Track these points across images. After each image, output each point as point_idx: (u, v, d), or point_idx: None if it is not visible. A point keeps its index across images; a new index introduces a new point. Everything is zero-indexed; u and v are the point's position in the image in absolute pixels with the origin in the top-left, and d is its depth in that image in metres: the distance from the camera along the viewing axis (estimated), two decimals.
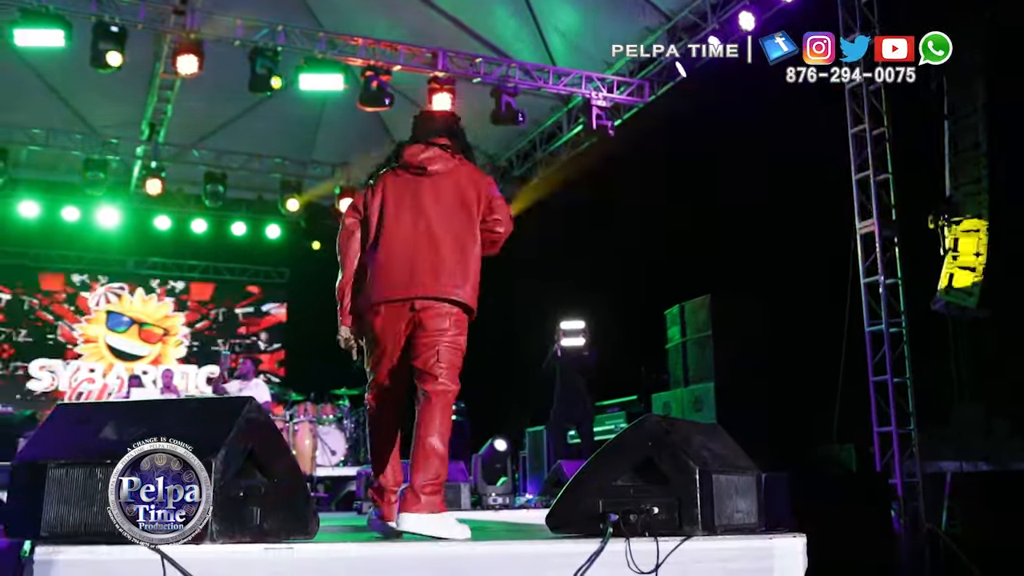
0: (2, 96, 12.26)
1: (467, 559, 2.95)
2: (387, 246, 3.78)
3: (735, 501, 3.26)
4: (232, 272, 16.67)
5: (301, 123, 13.59)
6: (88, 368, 15.56)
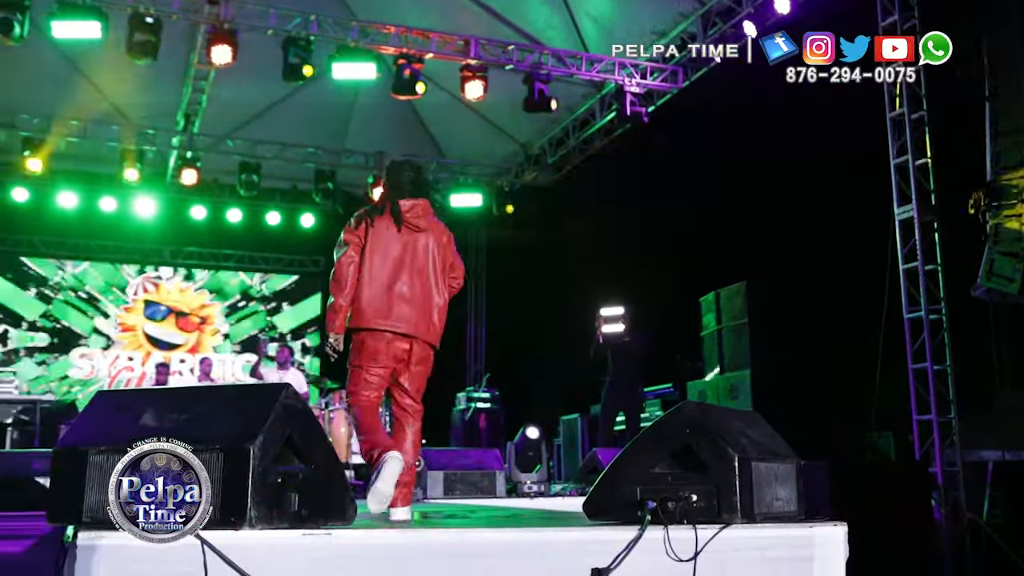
0: (41, 88, 12.41)
1: (504, 546, 2.94)
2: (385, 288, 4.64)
3: (774, 489, 3.22)
4: (267, 261, 16.78)
5: (334, 112, 13.63)
6: (127, 356, 15.74)
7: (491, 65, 11.02)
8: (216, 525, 2.58)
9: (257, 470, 2.60)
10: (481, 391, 13.36)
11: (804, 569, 3.04)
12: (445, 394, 13.69)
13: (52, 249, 15.54)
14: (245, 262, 16.70)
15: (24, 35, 9.37)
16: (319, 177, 14.35)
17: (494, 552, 2.91)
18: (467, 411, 13.04)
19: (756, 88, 8.89)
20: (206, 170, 14.16)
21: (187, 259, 16.39)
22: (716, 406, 6.45)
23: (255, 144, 13.95)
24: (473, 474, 7.11)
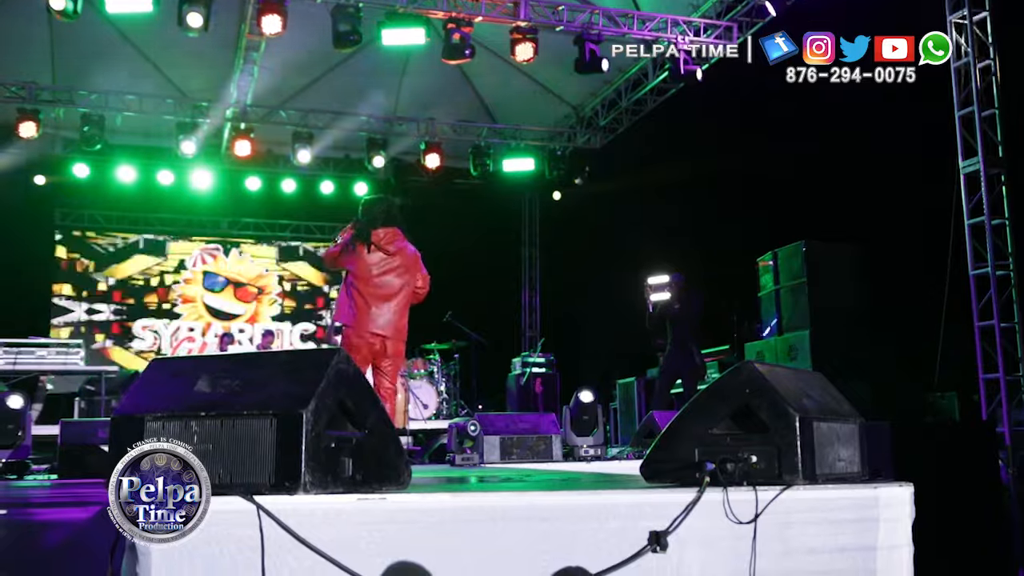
0: (96, 63, 12.55)
1: (560, 508, 2.91)
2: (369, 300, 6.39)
3: (837, 449, 3.14)
4: (323, 231, 16.89)
5: (385, 79, 13.60)
6: (188, 328, 16.01)
7: (541, 27, 10.87)
8: (271, 490, 2.58)
9: (310, 435, 2.59)
10: (536, 356, 13.35)
11: (869, 530, 2.97)
12: (500, 360, 13.72)
13: (113, 223, 15.81)
14: (301, 232, 16.84)
15: (78, 12, 9.47)
16: (371, 145, 14.36)
17: (550, 515, 2.88)
18: (523, 376, 13.05)
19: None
20: (260, 141, 14.26)
21: (243, 230, 16.56)
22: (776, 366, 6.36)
23: (307, 114, 14.00)
24: (529, 438, 7.10)
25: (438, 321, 12.42)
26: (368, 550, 2.65)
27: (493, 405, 13.02)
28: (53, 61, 12.67)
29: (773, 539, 2.90)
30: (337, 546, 2.60)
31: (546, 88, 13.90)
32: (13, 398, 6.60)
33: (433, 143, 14.32)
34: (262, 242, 16.67)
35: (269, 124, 14.08)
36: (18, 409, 6.52)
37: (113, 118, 13.31)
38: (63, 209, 15.43)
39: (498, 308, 15.55)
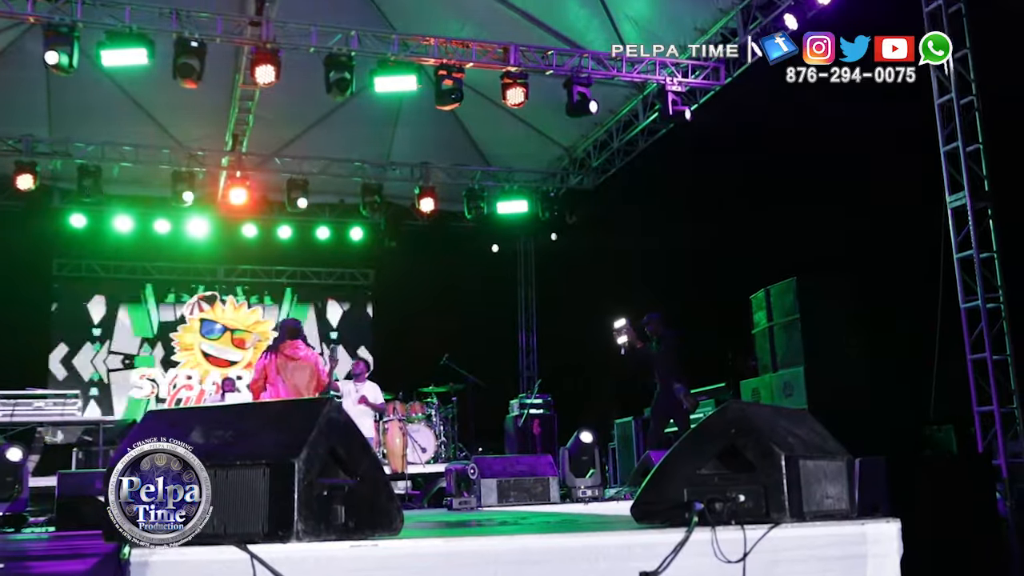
0: (94, 115, 12.73)
1: (552, 551, 2.94)
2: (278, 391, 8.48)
3: (824, 487, 3.17)
4: (318, 276, 16.96)
5: (378, 125, 13.78)
6: (186, 375, 16.02)
7: (531, 71, 11.04)
8: (264, 539, 2.62)
9: (303, 484, 2.63)
10: (534, 397, 13.37)
11: (857, 567, 3.00)
12: (498, 402, 13.73)
13: (110, 272, 15.86)
14: (297, 277, 16.90)
15: (74, 66, 9.61)
16: (366, 190, 14.49)
17: (542, 558, 2.91)
18: (520, 417, 13.05)
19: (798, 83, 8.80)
20: (255, 189, 14.39)
21: (240, 277, 16.63)
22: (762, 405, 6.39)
23: (302, 161, 14.14)
24: (526, 480, 7.11)
25: (435, 364, 12.46)
26: None
27: (491, 447, 13.02)
28: (50, 114, 12.84)
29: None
30: None
31: (538, 130, 14.06)
32: (12, 451, 6.64)
33: (427, 187, 14.44)
34: (258, 289, 16.72)
35: (264, 171, 14.22)
36: (17, 462, 6.56)
37: (110, 168, 13.44)
38: (60, 259, 15.49)
39: (495, 350, 15.58)
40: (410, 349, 14.30)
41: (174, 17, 9.96)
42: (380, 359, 16.27)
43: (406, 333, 15.10)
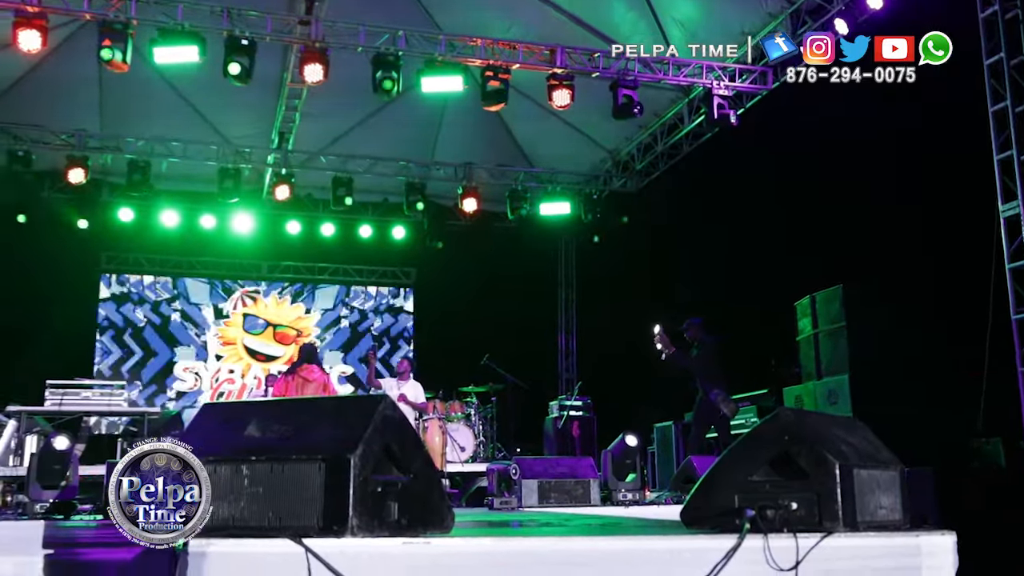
0: (144, 112, 12.92)
1: (600, 554, 2.94)
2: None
3: (877, 497, 3.14)
4: (360, 274, 17.07)
5: (423, 125, 13.83)
6: (228, 369, 16.20)
7: (577, 73, 11.02)
8: (319, 533, 2.64)
9: (358, 479, 2.65)
10: (573, 399, 13.35)
11: None
12: (537, 403, 13.73)
13: (156, 266, 16.10)
14: (339, 274, 17.03)
15: (127, 62, 9.76)
16: (409, 189, 14.56)
17: (591, 561, 2.90)
18: (560, 419, 13.03)
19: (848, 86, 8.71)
20: (300, 186, 14.52)
21: (283, 273, 16.78)
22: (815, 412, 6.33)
23: (347, 159, 14.24)
24: (567, 482, 7.09)
25: (475, 364, 12.48)
26: None
27: (530, 448, 13.02)
28: (102, 109, 13.03)
29: None
30: None
31: (582, 132, 14.04)
32: (59, 439, 6.73)
33: (470, 187, 14.48)
34: (301, 285, 16.87)
35: (310, 169, 14.33)
36: (64, 450, 6.65)
37: (158, 164, 13.62)
38: (108, 253, 15.73)
39: (535, 351, 15.59)
40: (450, 348, 14.35)
41: (225, 16, 10.08)
42: (420, 358, 16.34)
43: (446, 332, 15.16)
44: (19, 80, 12.28)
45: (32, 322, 13.47)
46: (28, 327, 13.40)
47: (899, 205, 9.39)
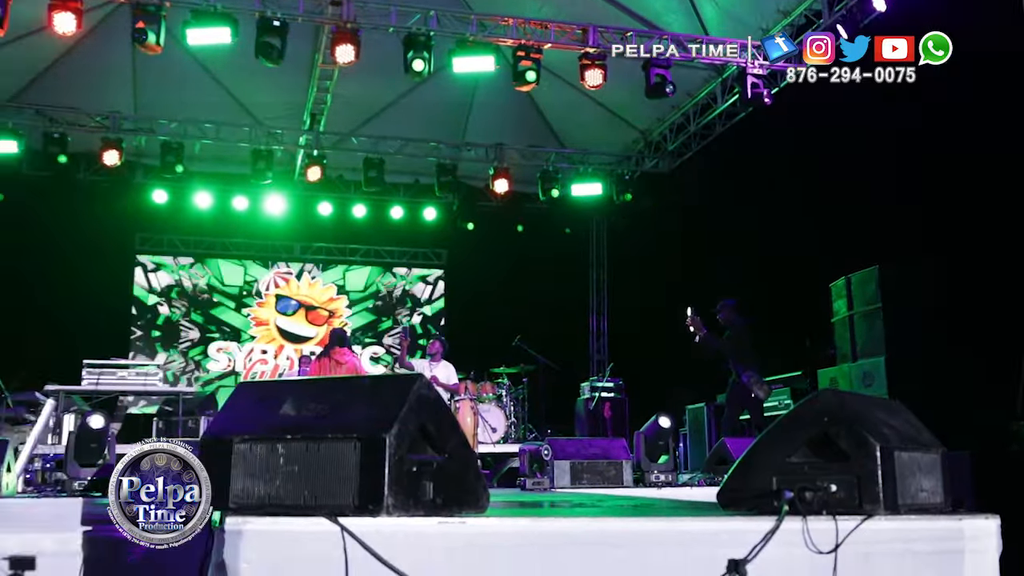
0: (177, 94, 12.99)
1: (637, 535, 2.91)
2: None
3: (919, 479, 3.09)
4: (392, 255, 17.11)
5: (455, 106, 13.81)
6: (261, 350, 16.32)
7: (610, 53, 10.92)
8: (355, 512, 2.64)
9: (393, 459, 2.64)
10: (605, 380, 13.31)
11: (954, 563, 2.91)
12: (569, 384, 13.71)
13: (190, 248, 16.22)
14: (371, 256, 17.07)
15: (161, 44, 9.80)
16: (441, 171, 14.54)
17: (628, 541, 2.88)
18: (591, 401, 13.01)
19: None
20: (332, 167, 14.55)
21: (315, 254, 16.85)
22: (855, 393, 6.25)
23: (378, 140, 14.24)
24: (600, 463, 7.07)
25: (507, 345, 12.48)
26: (448, 572, 2.69)
27: (561, 429, 13.00)
28: (135, 91, 13.12)
29: (854, 570, 2.86)
30: (418, 568, 2.64)
31: (614, 113, 13.95)
32: (95, 418, 6.80)
33: (502, 168, 14.43)
34: (333, 266, 16.93)
35: (341, 150, 14.35)
36: (100, 428, 6.72)
37: (191, 146, 13.70)
38: (143, 234, 15.87)
39: (566, 332, 15.57)
40: (482, 329, 14.36)
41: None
42: (451, 339, 16.34)
43: (478, 313, 15.17)
44: (54, 63, 12.39)
45: (69, 303, 13.64)
46: (65, 308, 13.56)
47: (934, 183, 9.24)
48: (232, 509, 2.73)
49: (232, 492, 2.75)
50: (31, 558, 4.32)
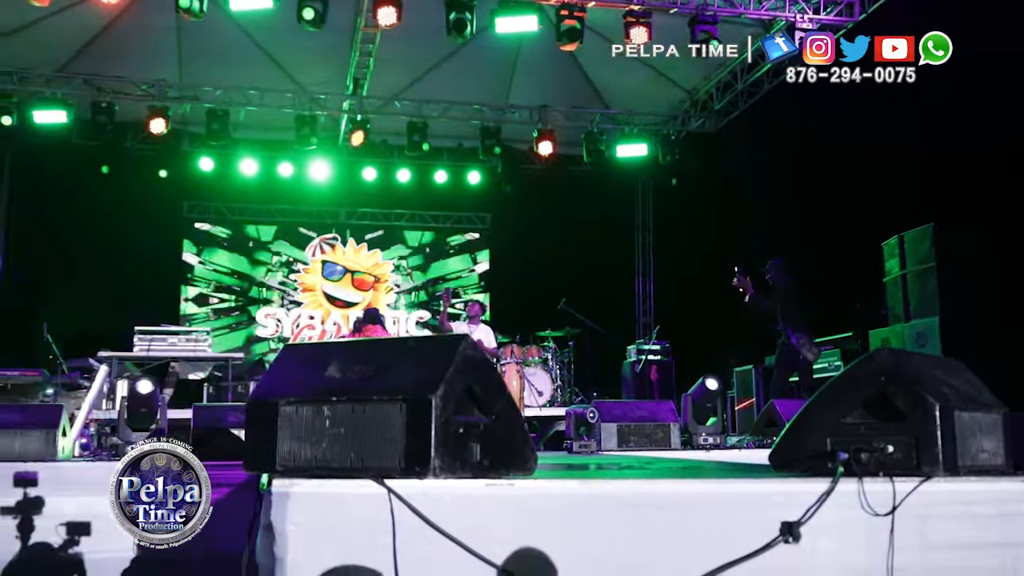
0: (220, 60, 13.00)
1: (689, 497, 2.87)
2: None
3: (979, 440, 3.00)
4: (436, 219, 17.09)
5: (498, 67, 13.67)
6: (308, 315, 16.44)
7: (655, 9, 10.73)
8: (401, 474, 2.62)
9: (439, 420, 2.62)
10: (651, 343, 13.23)
11: (1016, 526, 2.83)
12: (615, 347, 13.65)
13: (236, 214, 16.33)
14: (416, 220, 17.07)
15: (204, 10, 9.81)
16: (484, 134, 14.44)
17: (677, 503, 2.84)
18: (638, 363, 12.95)
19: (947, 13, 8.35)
20: (375, 132, 14.53)
21: (360, 220, 16.89)
22: (913, 353, 6.13)
23: (421, 104, 14.17)
24: (647, 426, 7.04)
25: (552, 308, 12.44)
26: (496, 535, 2.66)
27: (607, 392, 12.97)
28: (180, 59, 13.16)
29: (911, 533, 2.79)
30: (465, 530, 2.62)
31: (659, 72, 13.71)
32: (143, 383, 6.90)
33: (546, 130, 14.29)
34: (378, 231, 16.96)
35: (384, 115, 14.31)
36: (148, 394, 6.81)
37: (236, 113, 13.74)
38: (190, 202, 16.00)
39: (612, 295, 15.48)
40: (527, 293, 14.33)
41: None
42: (497, 303, 16.38)
43: (523, 276, 15.13)
44: (100, 33, 12.45)
45: (119, 271, 13.83)
46: (116, 276, 13.76)
47: (987, 142, 8.98)
48: (279, 472, 2.73)
49: (279, 455, 2.75)
50: (87, 524, 4.39)
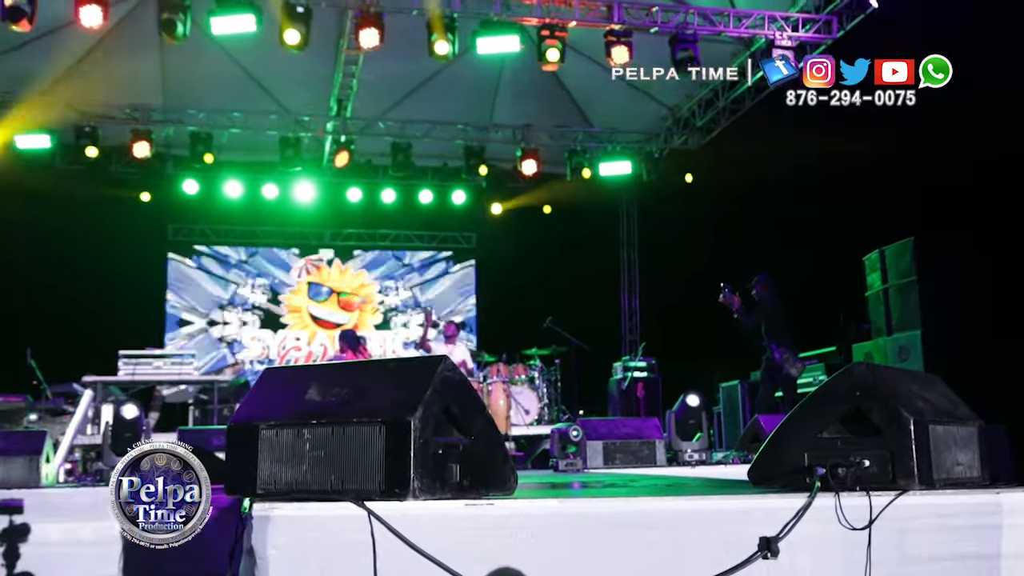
0: (204, 84, 13.04)
1: (667, 515, 2.89)
2: None
3: (954, 453, 3.04)
4: (421, 239, 17.12)
5: (481, 88, 13.74)
6: (294, 337, 16.42)
7: (635, 29, 10.82)
8: (381, 496, 2.64)
9: (418, 442, 2.63)
10: (637, 360, 13.25)
11: (991, 537, 2.86)
12: (601, 365, 13.67)
13: (221, 237, 16.32)
14: (400, 240, 17.09)
15: (186, 33, 9.84)
16: (468, 153, 14.50)
17: (658, 521, 2.86)
18: (624, 380, 12.97)
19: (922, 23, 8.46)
20: (360, 152, 14.57)
21: (345, 240, 16.89)
22: (889, 367, 6.17)
23: (405, 124, 14.22)
24: (632, 443, 7.05)
25: (538, 327, 12.46)
26: (476, 555, 2.68)
27: (594, 410, 12.98)
28: (164, 83, 13.18)
29: (888, 546, 2.82)
30: (446, 551, 2.63)
31: (641, 90, 13.81)
32: (128, 407, 6.87)
33: (529, 149, 14.35)
34: (364, 251, 16.97)
35: (368, 136, 14.35)
36: (133, 419, 6.78)
37: (220, 135, 13.75)
38: (175, 224, 15.99)
39: (598, 312, 15.50)
40: (513, 311, 14.35)
41: None
42: (483, 322, 16.40)
43: (508, 295, 15.15)
44: (83, 57, 12.47)
45: (104, 295, 13.76)
46: (100, 300, 13.70)
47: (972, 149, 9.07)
48: (260, 495, 2.74)
49: (259, 478, 2.76)
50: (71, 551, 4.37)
